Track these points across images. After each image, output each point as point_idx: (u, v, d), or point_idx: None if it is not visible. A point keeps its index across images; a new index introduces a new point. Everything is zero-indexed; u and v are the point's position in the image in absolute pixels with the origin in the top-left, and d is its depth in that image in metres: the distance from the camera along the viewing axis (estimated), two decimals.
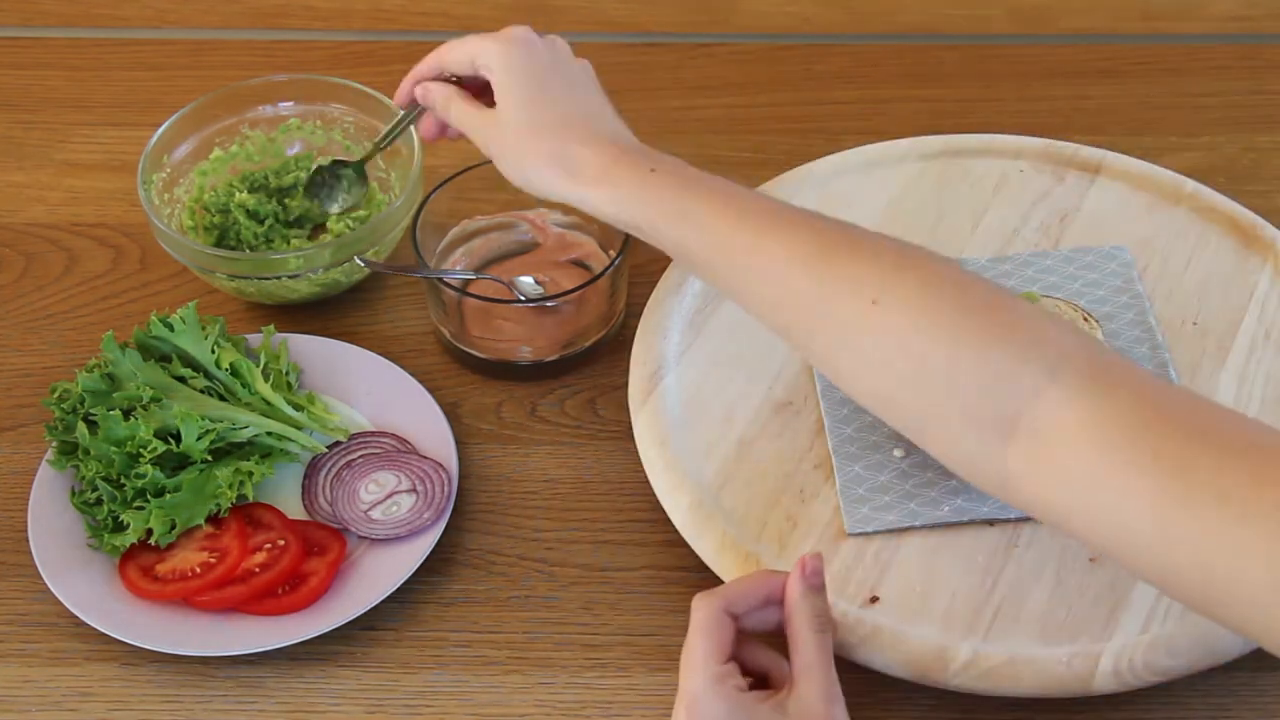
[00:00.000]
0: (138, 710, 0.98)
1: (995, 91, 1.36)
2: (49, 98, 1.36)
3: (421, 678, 0.99)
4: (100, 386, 1.03)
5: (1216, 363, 1.08)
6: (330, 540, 1.03)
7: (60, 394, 1.06)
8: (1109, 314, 1.10)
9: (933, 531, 1.00)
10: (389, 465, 1.06)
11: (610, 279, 1.12)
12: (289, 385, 1.09)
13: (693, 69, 1.38)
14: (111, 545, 1.01)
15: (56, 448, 1.05)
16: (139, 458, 1.01)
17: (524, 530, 1.06)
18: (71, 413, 1.04)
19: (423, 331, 1.18)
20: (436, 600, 1.02)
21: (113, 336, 1.05)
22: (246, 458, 1.04)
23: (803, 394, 1.08)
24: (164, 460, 1.01)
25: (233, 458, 1.04)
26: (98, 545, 1.01)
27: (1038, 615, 0.95)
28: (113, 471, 1.01)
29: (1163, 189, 1.19)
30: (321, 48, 1.41)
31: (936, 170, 1.21)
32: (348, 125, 1.24)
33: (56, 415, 1.05)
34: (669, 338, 1.10)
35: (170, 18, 1.44)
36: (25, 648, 1.00)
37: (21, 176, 1.30)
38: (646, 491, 1.04)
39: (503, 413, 1.12)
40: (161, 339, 1.07)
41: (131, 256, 1.23)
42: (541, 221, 1.19)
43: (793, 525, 1.00)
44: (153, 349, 1.07)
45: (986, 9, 1.43)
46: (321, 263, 1.13)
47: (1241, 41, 1.40)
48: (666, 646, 1.00)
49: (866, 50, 1.40)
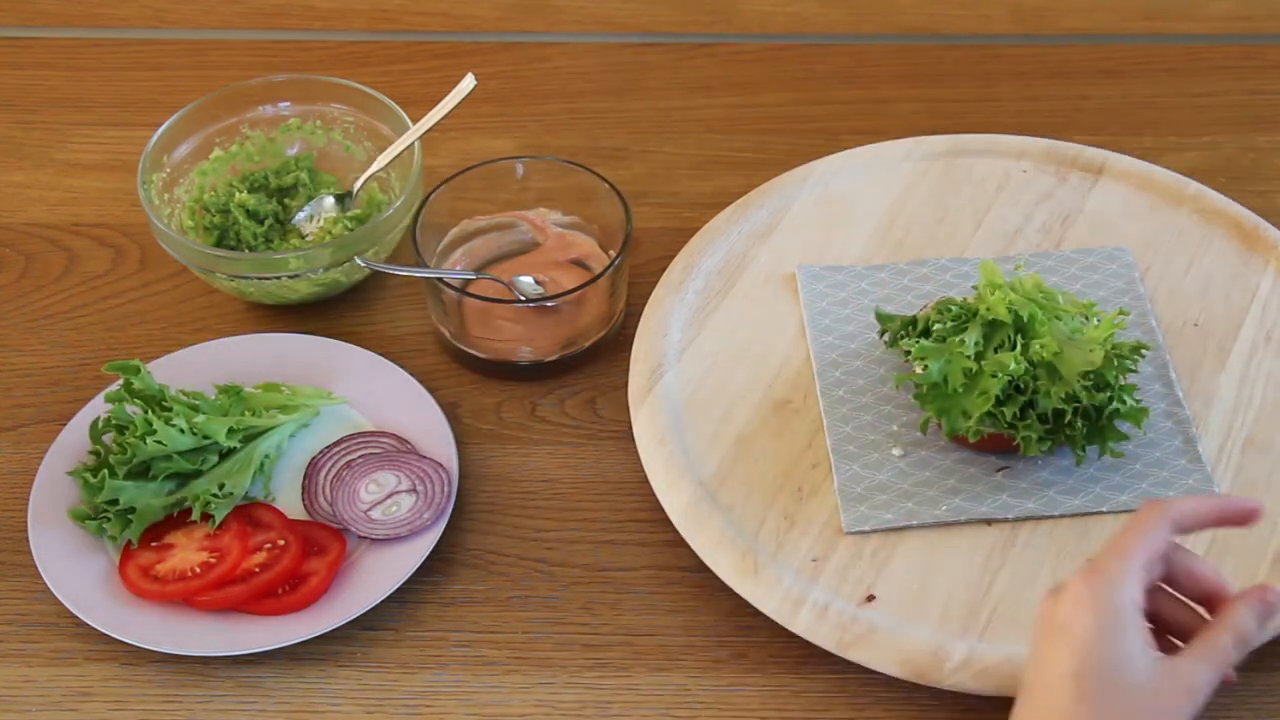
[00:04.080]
0: (138, 710, 0.98)
1: (995, 91, 1.36)
2: (49, 98, 1.36)
3: (421, 678, 0.99)
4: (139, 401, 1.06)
5: (1217, 364, 1.08)
6: (330, 540, 1.03)
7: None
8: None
9: (930, 531, 1.00)
10: (389, 465, 1.06)
11: (610, 279, 1.12)
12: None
13: (693, 69, 1.38)
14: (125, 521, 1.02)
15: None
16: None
17: (524, 530, 1.06)
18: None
19: (423, 331, 1.18)
20: (436, 600, 1.02)
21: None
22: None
23: (802, 393, 1.08)
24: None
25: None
26: (102, 530, 1.02)
27: (1034, 615, 0.95)
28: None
29: (1165, 190, 1.19)
30: (321, 48, 1.41)
31: (938, 170, 1.21)
32: (348, 125, 1.24)
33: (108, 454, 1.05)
34: (669, 336, 1.10)
35: (170, 18, 1.44)
36: (25, 648, 1.00)
37: (21, 176, 1.30)
38: (646, 491, 1.04)
39: (503, 413, 1.12)
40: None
41: (131, 256, 1.23)
42: (541, 221, 1.19)
43: (791, 523, 1.00)
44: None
45: (987, 9, 1.43)
46: (321, 263, 1.13)
47: (1241, 41, 1.40)
48: (666, 646, 1.00)
49: (866, 50, 1.40)
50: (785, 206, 1.19)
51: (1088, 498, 1.01)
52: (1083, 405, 0.99)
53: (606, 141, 1.31)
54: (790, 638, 0.97)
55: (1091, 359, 0.98)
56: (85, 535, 1.03)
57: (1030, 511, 1.00)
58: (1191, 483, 1.01)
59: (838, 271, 1.14)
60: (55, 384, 1.14)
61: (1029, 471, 1.02)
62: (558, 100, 1.35)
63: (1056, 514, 1.00)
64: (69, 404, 1.12)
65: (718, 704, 0.97)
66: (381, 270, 1.16)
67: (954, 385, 0.99)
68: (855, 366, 1.09)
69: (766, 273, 1.15)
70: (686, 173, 1.29)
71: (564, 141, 1.31)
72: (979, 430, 0.99)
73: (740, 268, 1.15)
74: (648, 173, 1.28)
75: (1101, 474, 1.02)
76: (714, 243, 1.16)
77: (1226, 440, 1.04)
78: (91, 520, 1.03)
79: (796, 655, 0.98)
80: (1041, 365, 0.99)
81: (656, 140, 1.31)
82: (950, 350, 1.00)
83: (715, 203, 1.21)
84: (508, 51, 1.39)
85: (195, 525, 1.03)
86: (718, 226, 1.17)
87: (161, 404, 1.05)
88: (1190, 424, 1.04)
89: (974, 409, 0.99)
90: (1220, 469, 1.03)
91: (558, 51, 1.40)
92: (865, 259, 1.16)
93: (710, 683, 0.98)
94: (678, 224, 1.22)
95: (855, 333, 1.11)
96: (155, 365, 1.12)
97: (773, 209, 1.19)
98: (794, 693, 0.97)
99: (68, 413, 1.10)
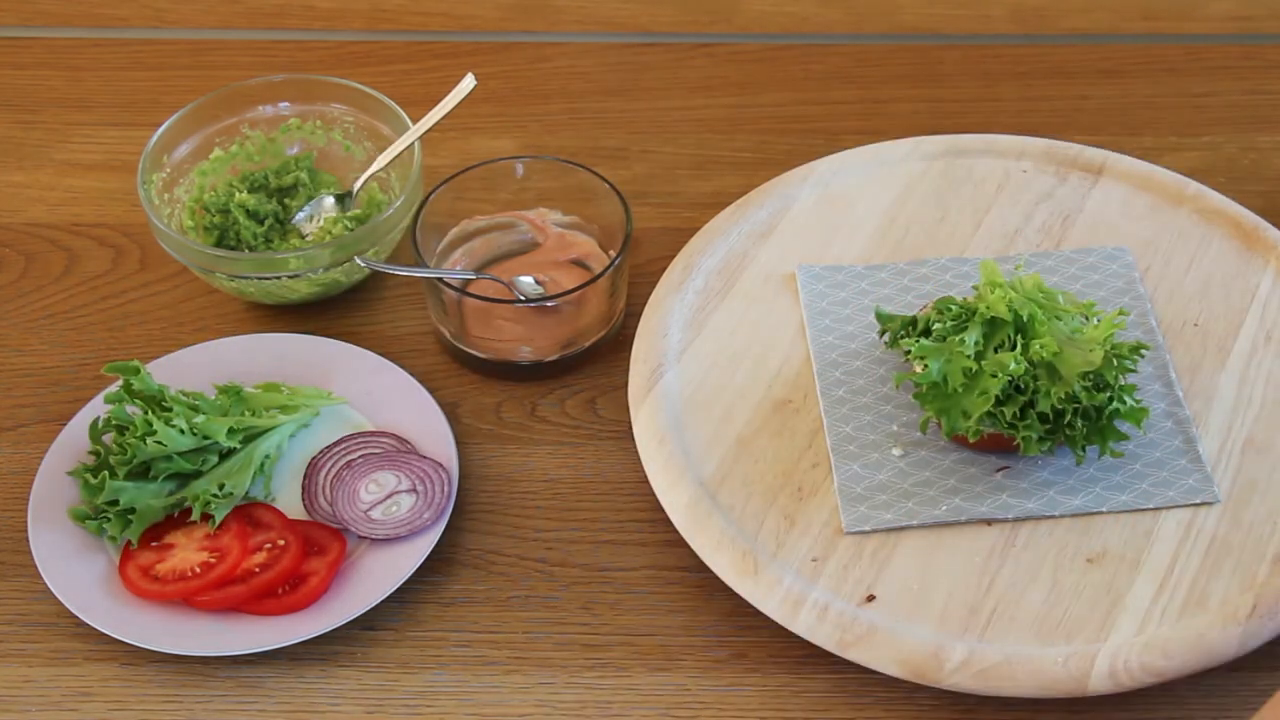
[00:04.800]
0: (138, 710, 0.98)
1: (995, 91, 1.36)
2: (49, 98, 1.36)
3: (421, 678, 0.99)
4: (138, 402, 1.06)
5: (1217, 364, 1.08)
6: (330, 540, 1.03)
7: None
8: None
9: (930, 531, 1.00)
10: (389, 465, 1.06)
11: (610, 279, 1.12)
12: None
13: (693, 69, 1.38)
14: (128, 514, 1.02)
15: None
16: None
17: (524, 530, 1.06)
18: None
19: (423, 331, 1.18)
20: (436, 600, 1.02)
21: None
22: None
23: (802, 392, 1.08)
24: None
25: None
26: (108, 532, 1.02)
27: (1034, 615, 0.96)
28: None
29: (1165, 190, 1.19)
30: (321, 48, 1.41)
31: (939, 170, 1.21)
32: (348, 125, 1.24)
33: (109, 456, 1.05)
34: (669, 337, 1.10)
35: (170, 18, 1.44)
36: (25, 648, 1.00)
37: (21, 176, 1.30)
38: (646, 491, 1.04)
39: (503, 413, 1.12)
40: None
41: (131, 256, 1.23)
42: (541, 221, 1.19)
43: (790, 523, 1.00)
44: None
45: (987, 9, 1.43)
46: (321, 263, 1.13)
47: (1241, 41, 1.40)
48: (666, 646, 1.00)
49: (866, 50, 1.40)
50: (785, 206, 1.19)
51: (1088, 498, 1.01)
52: (1083, 405, 0.99)
53: (606, 141, 1.31)
54: (790, 638, 0.97)
55: (1091, 359, 0.98)
56: (85, 535, 1.03)
57: (1030, 511, 1.00)
58: (1191, 483, 1.01)
59: (838, 271, 1.14)
60: (55, 384, 1.14)
61: (1029, 471, 1.02)
62: (558, 100, 1.35)
63: (1056, 514, 1.00)
64: (69, 404, 1.12)
65: (718, 704, 0.97)
66: (381, 270, 1.16)
67: (954, 385, 0.99)
68: (855, 366, 1.09)
69: (766, 273, 1.15)
70: (686, 173, 1.29)
71: (564, 141, 1.31)
72: (979, 430, 0.99)
73: (740, 268, 1.15)
74: (648, 173, 1.28)
75: (1101, 474, 1.02)
76: (714, 243, 1.16)
77: (1226, 440, 1.04)
78: (91, 520, 1.03)
79: (796, 655, 0.98)
80: (1041, 365, 0.99)
81: (656, 140, 1.31)
82: (950, 350, 1.00)
83: (715, 203, 1.21)
84: (508, 51, 1.39)
85: (195, 525, 1.03)
86: (718, 226, 1.17)
87: (161, 404, 1.05)
88: (1190, 424, 1.05)
89: (974, 409, 0.99)
90: (1220, 469, 1.03)
91: (558, 51, 1.40)
92: (865, 259, 1.16)
93: (710, 683, 0.98)
94: (678, 224, 1.23)
95: (855, 333, 1.11)
96: (155, 365, 1.12)
97: (773, 209, 1.19)
98: (794, 693, 0.97)
99: (68, 413, 1.10)
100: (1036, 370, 0.99)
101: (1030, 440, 0.99)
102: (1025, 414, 0.99)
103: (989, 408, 0.98)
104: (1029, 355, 0.98)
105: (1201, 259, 1.15)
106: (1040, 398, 0.99)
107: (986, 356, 1.00)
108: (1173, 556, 0.98)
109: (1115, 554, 0.98)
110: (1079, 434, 1.00)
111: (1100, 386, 1.00)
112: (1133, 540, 0.99)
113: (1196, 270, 1.14)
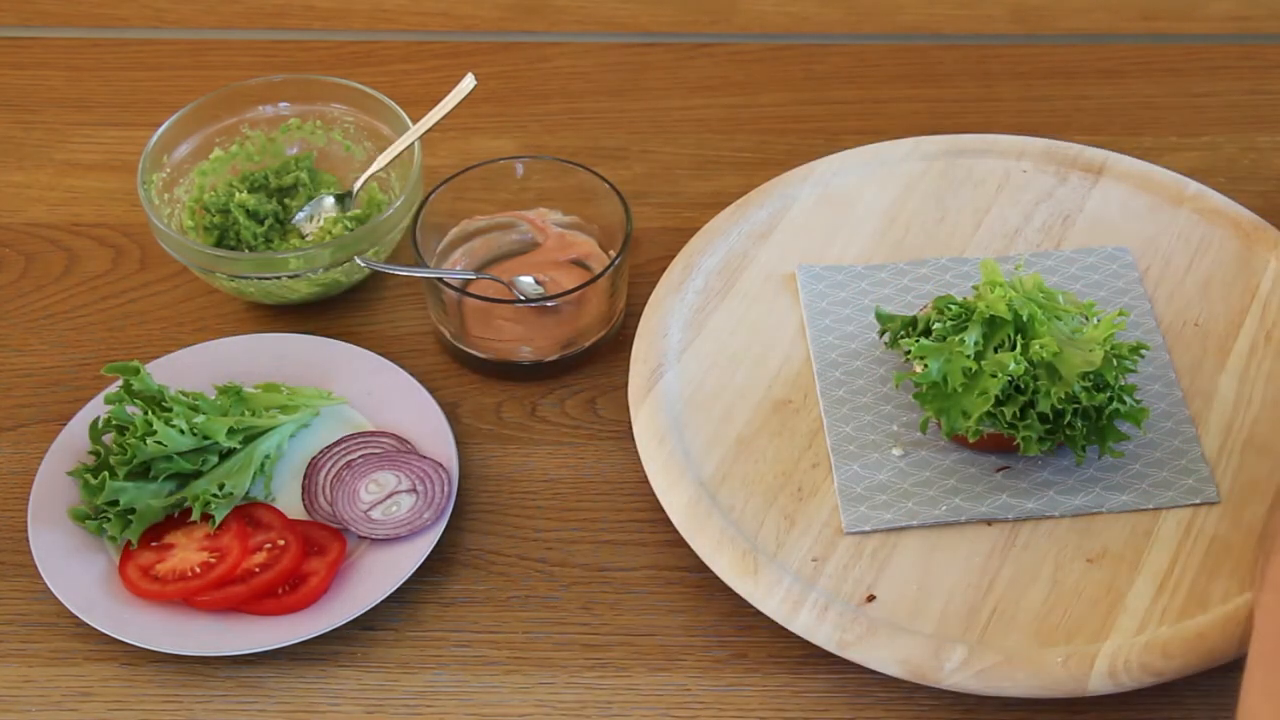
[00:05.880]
0: (138, 710, 0.98)
1: (995, 91, 1.36)
2: (49, 98, 1.36)
3: (421, 678, 0.99)
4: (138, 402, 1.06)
5: (1217, 364, 1.08)
6: (330, 540, 1.03)
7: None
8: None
9: (930, 531, 1.00)
10: (389, 465, 1.06)
11: (610, 279, 1.12)
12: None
13: (692, 69, 1.39)
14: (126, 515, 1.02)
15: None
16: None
17: (524, 530, 1.06)
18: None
19: (423, 331, 1.18)
20: (436, 600, 1.02)
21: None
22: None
23: (802, 392, 1.08)
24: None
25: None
26: (104, 531, 1.02)
27: (1034, 615, 0.96)
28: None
29: (1165, 190, 1.19)
30: (321, 48, 1.41)
31: (939, 170, 1.21)
32: (348, 125, 1.24)
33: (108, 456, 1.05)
34: (669, 336, 1.10)
35: (170, 18, 1.44)
36: (25, 648, 1.00)
37: (21, 176, 1.30)
38: (646, 491, 1.04)
39: (503, 413, 1.12)
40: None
41: (131, 256, 1.23)
42: (541, 221, 1.19)
43: (791, 523, 1.00)
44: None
45: (986, 9, 1.43)
46: (321, 263, 1.13)
47: (1241, 41, 1.40)
48: (666, 646, 1.00)
49: (866, 50, 1.40)
50: (785, 206, 1.19)
51: (1088, 498, 1.01)
52: (1083, 405, 0.99)
53: (606, 141, 1.31)
54: (790, 638, 0.97)
55: (1091, 359, 0.98)
56: (85, 535, 1.03)
57: (1030, 511, 1.00)
58: (1191, 483, 1.01)
59: (838, 271, 1.14)
60: (55, 384, 1.14)
61: (1029, 471, 1.02)
62: (558, 100, 1.35)
63: (1056, 514, 1.00)
64: (69, 404, 1.12)
65: (718, 704, 0.97)
66: (381, 270, 1.16)
67: (954, 385, 0.99)
68: (855, 366, 1.09)
69: (766, 273, 1.15)
70: (686, 173, 1.29)
71: (564, 141, 1.31)
72: (979, 430, 0.99)
73: (740, 268, 1.15)
74: (648, 173, 1.28)
75: (1101, 474, 1.02)
76: (714, 243, 1.16)
77: (1226, 440, 1.04)
78: (91, 520, 1.03)
79: (796, 655, 0.98)
80: (1041, 365, 0.99)
81: (656, 140, 1.31)
82: (950, 350, 1.00)
83: (715, 203, 1.21)
84: (508, 51, 1.39)
85: (195, 525, 1.03)
86: (718, 226, 1.17)
87: (161, 404, 1.05)
88: (1190, 424, 1.05)
89: (974, 409, 0.99)
90: (1220, 469, 1.03)
91: (558, 51, 1.40)
92: (865, 259, 1.16)
93: (710, 683, 0.98)
94: (678, 224, 1.23)
95: (855, 333, 1.11)
96: (155, 365, 1.12)
97: (773, 209, 1.19)
98: (794, 693, 0.97)
99: (68, 413, 1.10)
100: (1036, 370, 0.99)
101: (1030, 440, 0.99)
102: (1025, 414, 0.99)
103: (989, 408, 0.98)
104: (1029, 355, 0.99)
105: (1201, 259, 1.15)
106: (1040, 398, 0.99)
107: (986, 356, 1.00)
108: (1173, 556, 0.98)
109: (1115, 554, 0.99)
110: (1079, 434, 1.00)
111: (1100, 386, 1.00)
112: (1133, 540, 0.99)
113: (1196, 270, 1.14)
